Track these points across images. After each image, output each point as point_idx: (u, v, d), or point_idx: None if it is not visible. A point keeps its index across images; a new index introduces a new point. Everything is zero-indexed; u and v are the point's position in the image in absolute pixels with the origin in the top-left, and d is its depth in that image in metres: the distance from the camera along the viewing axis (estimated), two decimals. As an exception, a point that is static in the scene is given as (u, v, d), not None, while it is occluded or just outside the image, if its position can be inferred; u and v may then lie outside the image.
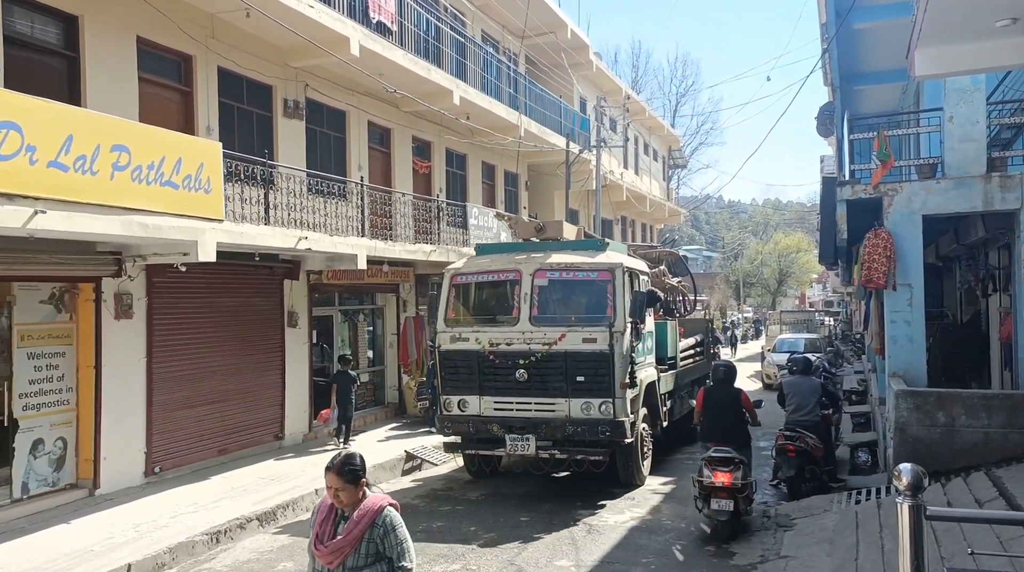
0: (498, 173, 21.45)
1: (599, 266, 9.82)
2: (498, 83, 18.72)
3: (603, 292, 9.70)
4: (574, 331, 9.50)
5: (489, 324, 10.01)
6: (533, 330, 9.62)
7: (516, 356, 9.55)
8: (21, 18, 9.04)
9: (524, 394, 9.62)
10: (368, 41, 12.95)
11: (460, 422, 9.95)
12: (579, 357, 9.40)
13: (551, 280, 9.89)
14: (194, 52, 11.21)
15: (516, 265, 10.07)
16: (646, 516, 9.12)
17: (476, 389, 9.88)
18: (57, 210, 7.34)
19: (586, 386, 9.38)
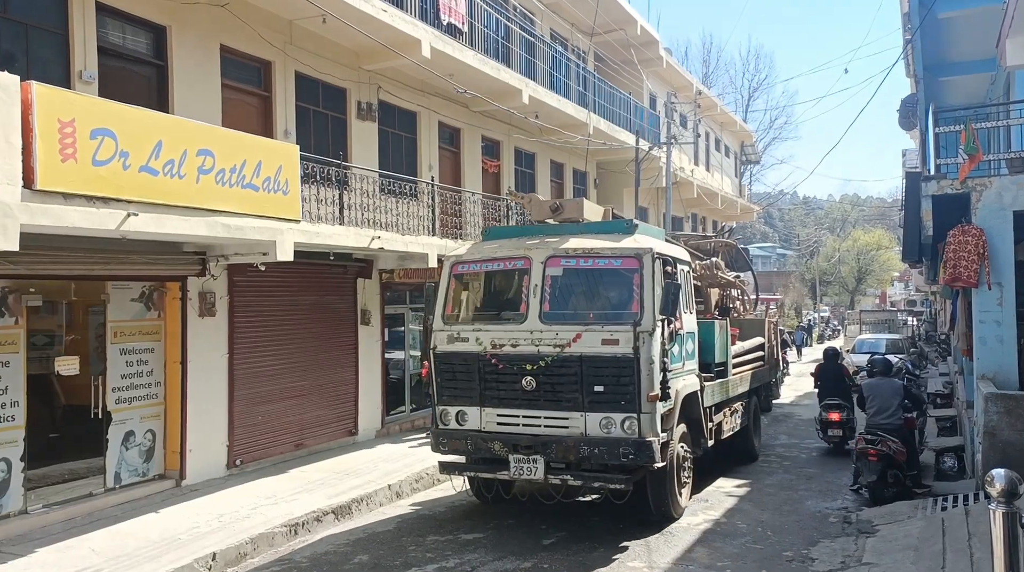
0: (566, 171, 21.41)
1: (624, 252, 8.15)
2: (567, 81, 18.68)
3: (628, 284, 8.04)
4: (592, 331, 7.89)
5: (493, 322, 8.45)
6: (544, 329, 8.03)
7: (523, 360, 8.01)
8: (114, 30, 9.51)
9: (532, 406, 8.05)
10: (439, 42, 13.12)
11: (457, 438, 8.33)
12: (598, 362, 7.80)
13: (566, 269, 8.26)
14: (273, 58, 11.58)
15: (526, 251, 8.45)
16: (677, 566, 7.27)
17: (476, 399, 8.29)
18: (148, 213, 7.69)
19: (606, 398, 7.79)
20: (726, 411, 10.55)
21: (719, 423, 10.19)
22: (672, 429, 8.24)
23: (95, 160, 7.15)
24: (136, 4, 9.54)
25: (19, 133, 6.52)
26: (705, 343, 9.83)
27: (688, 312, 9.05)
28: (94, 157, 7.13)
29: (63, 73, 8.73)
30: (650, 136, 23.31)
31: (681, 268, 8.96)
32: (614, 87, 21.89)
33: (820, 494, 10.09)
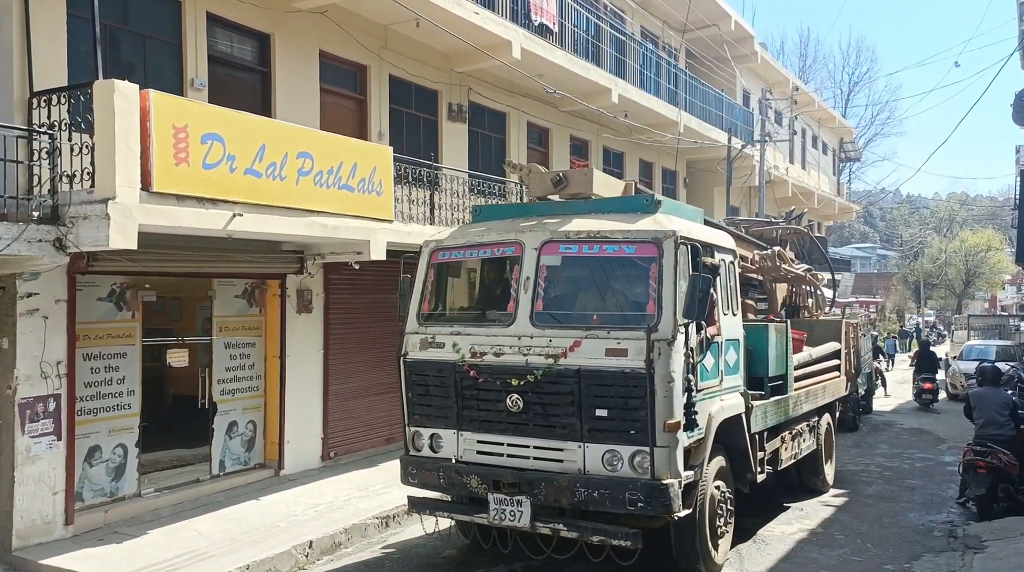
0: (655, 171, 21.13)
1: (638, 236, 6.36)
2: (657, 79, 18.44)
3: (643, 277, 6.29)
4: (594, 337, 6.17)
5: (475, 323, 6.89)
6: (535, 334, 6.36)
7: (508, 373, 6.35)
8: (223, 39, 9.99)
9: (519, 432, 6.41)
10: (529, 43, 13.19)
11: (428, 469, 6.75)
12: (600, 378, 6.09)
13: (566, 258, 6.56)
14: (368, 62, 11.91)
15: (517, 235, 6.75)
16: None
17: (453, 420, 6.71)
18: (251, 213, 8.04)
19: (611, 425, 6.11)
20: (785, 435, 8.65)
21: (774, 451, 8.33)
22: (702, 464, 6.48)
23: (205, 163, 7.53)
24: (243, 14, 9.99)
25: (138, 138, 6.94)
26: (756, 352, 7.97)
27: (730, 314, 7.23)
28: (204, 160, 7.52)
29: (176, 81, 9.23)
30: (743, 134, 22.73)
31: (721, 258, 7.14)
32: (706, 84, 21.46)
33: (923, 507, 9.61)
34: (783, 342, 8.46)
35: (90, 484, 8.15)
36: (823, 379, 10.03)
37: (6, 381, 7.35)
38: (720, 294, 6.95)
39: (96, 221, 6.78)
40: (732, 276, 7.46)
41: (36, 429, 7.45)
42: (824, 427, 10.20)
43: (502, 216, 7.45)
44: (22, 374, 7.34)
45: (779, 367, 8.40)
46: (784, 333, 8.51)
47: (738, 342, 7.40)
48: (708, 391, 6.65)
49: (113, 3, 8.53)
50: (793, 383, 8.70)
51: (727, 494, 7.09)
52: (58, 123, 7.15)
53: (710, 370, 6.71)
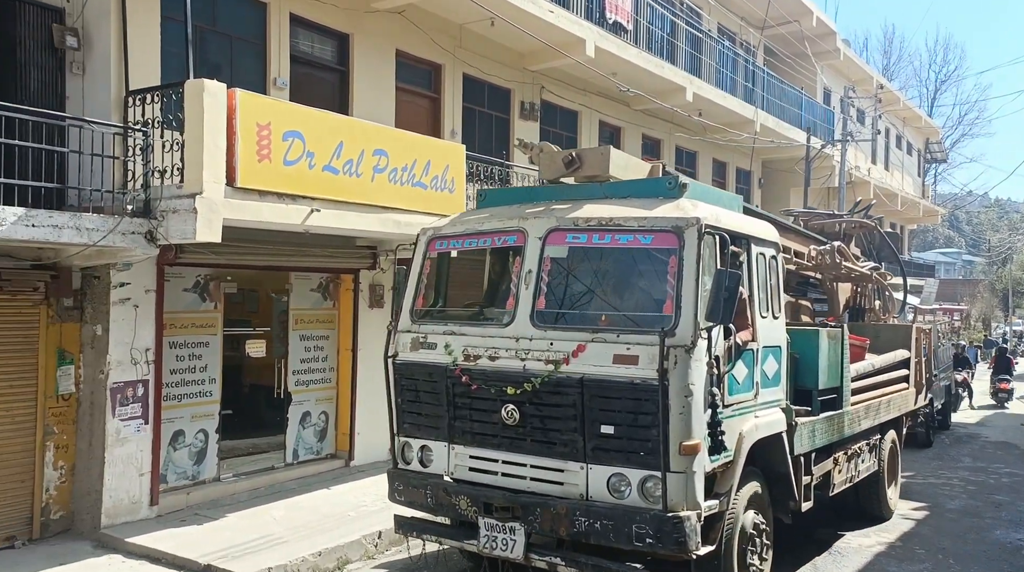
0: (729, 171, 20.73)
1: (656, 224, 5.47)
2: (733, 77, 18.08)
3: (660, 272, 5.43)
4: (600, 342, 5.33)
5: (472, 322, 6.18)
6: (534, 336, 5.56)
7: (503, 380, 5.57)
8: (304, 39, 10.27)
9: (515, 448, 5.62)
10: (603, 41, 13.12)
11: (415, 485, 6.05)
12: (606, 390, 5.27)
13: (573, 248, 5.76)
14: (443, 61, 12.05)
15: (520, 223, 5.96)
16: None
17: (444, 432, 5.97)
18: (328, 209, 8.24)
19: (618, 444, 5.29)
20: (839, 456, 7.67)
21: (825, 474, 7.36)
22: (730, 492, 5.56)
23: (286, 160, 7.76)
24: (324, 14, 10.25)
25: (224, 136, 7.20)
26: (803, 361, 7.01)
27: (769, 316, 6.24)
28: (285, 157, 7.75)
29: (260, 80, 9.53)
30: (823, 133, 22.08)
31: (760, 251, 6.18)
32: (784, 82, 20.92)
33: (1011, 524, 9.15)
34: (837, 350, 7.37)
35: (173, 467, 8.51)
36: (888, 391, 8.96)
37: (99, 366, 7.73)
38: (757, 293, 6.03)
39: (184, 215, 7.06)
40: (774, 273, 6.41)
41: (126, 413, 7.81)
42: (888, 445, 9.13)
43: (510, 201, 6.53)
44: (114, 360, 7.71)
45: (832, 378, 7.32)
46: (839, 339, 7.41)
47: (779, 349, 6.37)
48: (739, 406, 5.71)
49: (203, 5, 8.86)
50: (850, 396, 7.67)
51: (763, 525, 6.03)
52: (151, 121, 7.48)
53: (742, 382, 5.76)
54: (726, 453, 5.49)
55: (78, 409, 7.81)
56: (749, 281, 5.93)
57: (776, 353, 6.34)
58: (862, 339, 8.76)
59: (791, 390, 6.64)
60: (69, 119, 7.20)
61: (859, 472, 8.25)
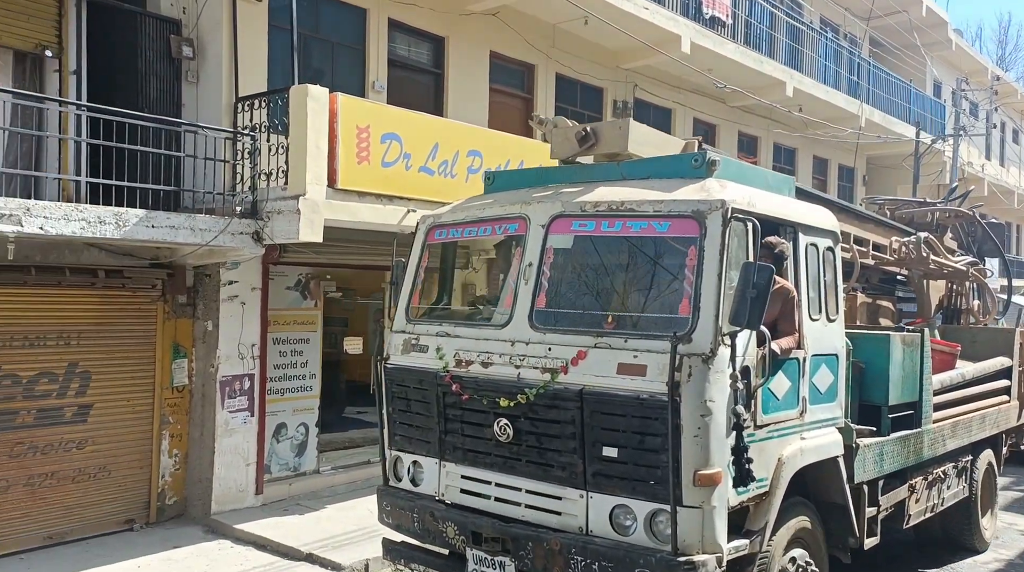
0: (831, 168, 19.94)
1: (673, 207, 4.56)
2: (837, 70, 17.39)
3: (678, 265, 4.57)
4: (605, 347, 4.51)
5: (468, 322, 5.47)
6: (532, 339, 4.77)
7: (496, 390, 4.77)
8: (401, 43, 10.50)
9: (509, 469, 4.84)
10: (699, 37, 12.85)
11: (403, 507, 5.29)
12: (608, 405, 4.43)
13: (579, 237, 4.97)
14: (536, 61, 12.08)
15: (522, 209, 5.12)
16: None
17: (435, 447, 5.20)
18: (424, 209, 8.36)
19: (622, 470, 4.45)
20: (917, 482, 6.58)
21: (897, 504, 6.30)
22: (765, 529, 4.65)
23: (384, 162, 7.94)
24: (421, 18, 10.44)
25: (326, 139, 7.43)
26: (871, 371, 5.94)
27: (822, 318, 5.23)
28: (383, 159, 7.93)
29: (359, 84, 9.80)
30: (933, 127, 20.95)
31: (810, 241, 5.19)
32: (891, 74, 19.97)
33: None
34: (915, 358, 6.21)
35: (276, 458, 8.84)
36: (983, 405, 7.74)
37: (210, 360, 8.12)
38: (807, 291, 5.06)
39: (288, 216, 7.33)
40: (830, 267, 5.37)
41: (233, 405, 8.18)
42: (983, 468, 7.87)
43: (520, 184, 5.60)
44: (223, 354, 8.08)
45: (907, 392, 6.18)
46: (917, 345, 6.24)
47: (836, 358, 5.32)
48: (778, 427, 4.76)
49: (307, 14, 9.18)
50: (931, 412, 6.55)
51: (811, 567, 5.08)
52: (258, 125, 7.80)
53: (782, 398, 4.82)
54: (759, 483, 4.52)
55: (191, 400, 8.23)
56: (796, 277, 4.99)
57: (831, 363, 5.28)
58: (952, 345, 7.75)
59: (854, 406, 5.65)
60: (185, 125, 7.58)
61: (943, 500, 7.09)
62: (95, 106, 7.03)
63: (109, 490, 7.64)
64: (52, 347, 7.23)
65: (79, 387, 7.40)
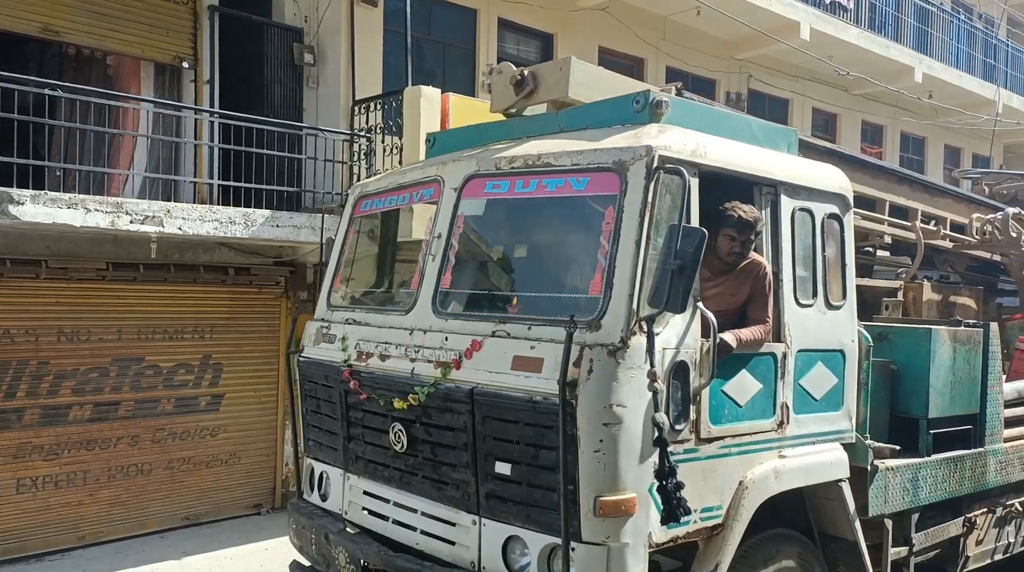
0: (964, 157, 18.65)
1: (593, 159, 3.55)
2: (971, 53, 16.25)
3: (595, 231, 3.55)
4: (503, 336, 3.58)
5: (378, 307, 4.73)
6: (433, 326, 3.89)
7: (391, 389, 3.95)
8: (510, 42, 10.59)
9: (405, 484, 4.02)
10: (819, 23, 12.30)
11: (304, 526, 4.52)
12: (500, 409, 3.49)
13: (492, 201, 4.07)
14: (646, 55, 11.89)
15: (438, 171, 4.25)
16: None
17: (340, 454, 4.45)
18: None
19: (517, 492, 3.50)
20: (978, 515, 5.27)
21: (946, 542, 5.06)
22: None
23: (495, 160, 8.00)
24: (530, 16, 10.49)
25: (439, 138, 7.56)
26: (908, 375, 4.71)
27: (818, 304, 4.08)
28: (494, 157, 7.99)
29: (469, 83, 9.94)
30: (1082, 111, 19.22)
31: (800, 206, 4.03)
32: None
33: None
34: (973, 360, 4.94)
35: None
36: None
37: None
38: (792, 269, 3.96)
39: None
40: (833, 239, 4.23)
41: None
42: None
43: (459, 145, 4.60)
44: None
45: (960, 402, 4.89)
46: (978, 344, 4.97)
47: (840, 355, 4.17)
48: (741, 441, 3.68)
49: (420, 17, 9.39)
50: (1000, 428, 5.24)
51: None
52: (374, 127, 8.05)
53: (747, 404, 3.73)
54: (708, 513, 3.51)
55: (311, 392, 8.58)
56: (776, 251, 3.90)
57: (833, 361, 4.14)
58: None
59: (883, 419, 4.60)
60: (306, 128, 7.92)
61: (1018, 539, 5.71)
62: (226, 113, 7.45)
63: (239, 476, 8.10)
64: (188, 340, 7.72)
65: (212, 378, 7.87)
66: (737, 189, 3.84)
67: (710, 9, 10.90)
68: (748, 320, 3.78)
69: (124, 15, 7.62)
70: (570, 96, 4.24)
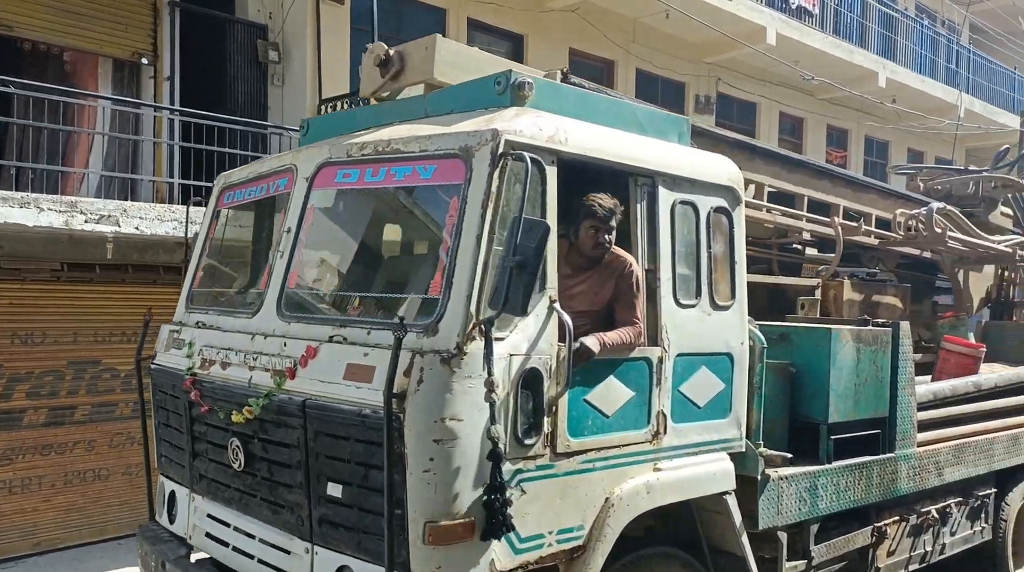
0: (927, 160, 18.97)
1: (440, 145, 3.19)
2: (934, 59, 16.55)
3: (439, 224, 3.34)
4: (339, 341, 3.22)
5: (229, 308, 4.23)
6: (274, 330, 3.52)
7: (230, 400, 3.55)
8: (481, 42, 10.51)
9: (244, 506, 3.64)
10: (785, 28, 12.45)
11: (147, 553, 4.09)
12: (330, 424, 3.10)
13: (342, 191, 3.81)
14: (616, 57, 11.94)
15: (292, 159, 3.90)
16: None
17: (187, 472, 4.03)
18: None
19: (348, 517, 3.09)
20: (888, 524, 4.94)
21: (854, 553, 4.74)
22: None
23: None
24: (500, 17, 10.46)
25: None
26: (807, 377, 4.36)
27: (703, 304, 3.73)
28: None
29: (438, 84, 9.89)
30: (1041, 117, 19.70)
31: (681, 199, 3.67)
32: (994, 62, 18.90)
33: None
34: (880, 361, 4.63)
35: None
36: (1015, 424, 5.96)
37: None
38: (670, 265, 3.59)
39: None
40: (721, 235, 3.88)
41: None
42: (1017, 501, 6.13)
43: (332, 132, 4.17)
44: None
45: (865, 405, 4.56)
46: (887, 344, 4.64)
47: (728, 359, 3.83)
48: (607, 454, 3.34)
49: (389, 16, 9.31)
50: (914, 432, 4.94)
51: None
52: (340, 127, 7.95)
53: (615, 413, 3.38)
54: (566, 535, 3.16)
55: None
56: (653, 246, 3.54)
57: (719, 365, 3.81)
58: (974, 345, 6.19)
59: (782, 425, 4.25)
60: (271, 127, 7.80)
61: (943, 547, 5.45)
62: (187, 110, 7.31)
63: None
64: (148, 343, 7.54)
65: (172, 381, 7.72)
66: (615, 181, 3.50)
67: (678, 12, 10.96)
68: (616, 322, 3.43)
69: (81, 10, 7.46)
70: (436, 77, 3.87)
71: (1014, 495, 6.03)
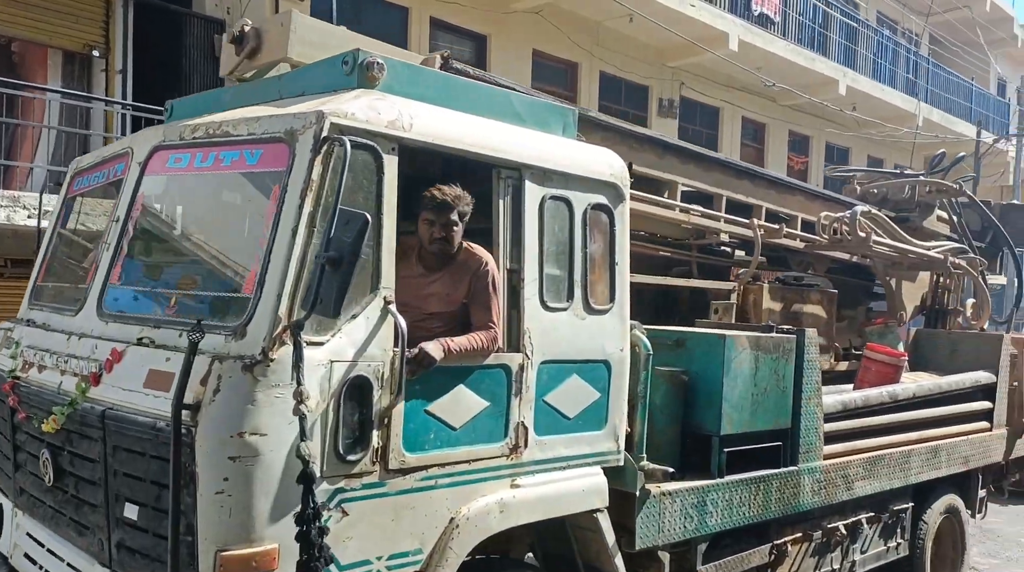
0: (886, 167, 19.37)
1: (267, 128, 2.89)
2: (893, 68, 16.87)
3: (261, 214, 2.88)
4: (147, 344, 2.89)
5: (59, 306, 3.74)
6: (92, 331, 3.19)
7: (41, 406, 3.20)
8: (444, 41, 10.50)
9: (55, 524, 3.25)
10: (747, 34, 12.59)
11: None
12: (127, 437, 2.75)
13: (172, 177, 3.42)
14: (579, 60, 11.98)
15: (129, 143, 3.66)
16: None
17: (11, 484, 3.66)
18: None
19: (143, 542, 2.72)
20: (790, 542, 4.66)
21: None
22: None
23: (421, 161, 7.91)
24: (464, 17, 10.44)
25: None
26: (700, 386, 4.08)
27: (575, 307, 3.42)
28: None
29: (400, 83, 9.84)
30: (996, 127, 20.21)
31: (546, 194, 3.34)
32: (952, 72, 19.31)
33: None
34: (783, 369, 4.35)
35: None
36: (941, 434, 5.71)
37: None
38: (540, 267, 3.30)
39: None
40: (599, 233, 3.58)
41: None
42: (935, 519, 5.80)
43: (195, 115, 3.69)
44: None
45: (765, 416, 4.27)
46: (789, 352, 4.37)
47: (604, 367, 3.54)
48: (454, 470, 3.06)
49: (350, 12, 9.23)
50: (818, 444, 4.64)
51: None
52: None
53: (463, 426, 3.09)
54: (399, 560, 2.90)
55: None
56: (517, 244, 3.25)
57: (594, 373, 3.52)
58: (894, 353, 5.85)
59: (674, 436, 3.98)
60: (226, 124, 7.69)
61: (853, 563, 5.23)
62: (139, 105, 7.18)
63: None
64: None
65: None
66: (480, 174, 3.22)
67: (641, 16, 11.03)
68: (471, 325, 3.14)
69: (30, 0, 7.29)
70: (292, 56, 3.60)
71: (933, 510, 5.77)
